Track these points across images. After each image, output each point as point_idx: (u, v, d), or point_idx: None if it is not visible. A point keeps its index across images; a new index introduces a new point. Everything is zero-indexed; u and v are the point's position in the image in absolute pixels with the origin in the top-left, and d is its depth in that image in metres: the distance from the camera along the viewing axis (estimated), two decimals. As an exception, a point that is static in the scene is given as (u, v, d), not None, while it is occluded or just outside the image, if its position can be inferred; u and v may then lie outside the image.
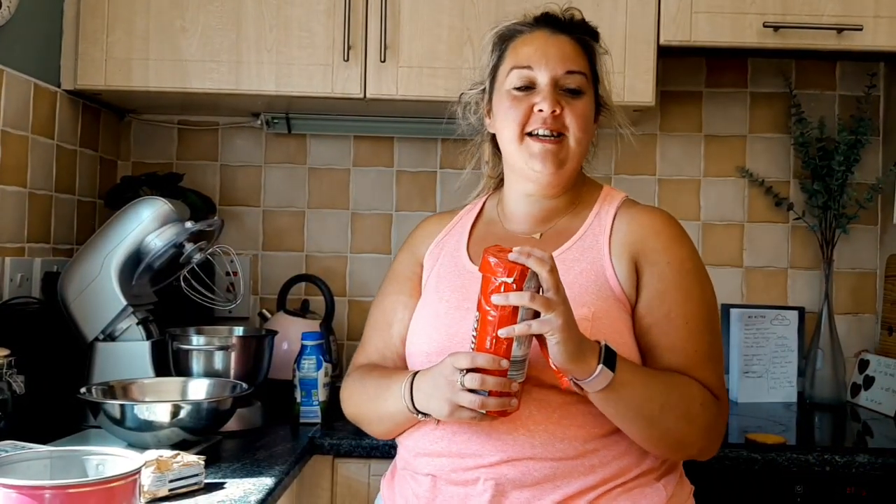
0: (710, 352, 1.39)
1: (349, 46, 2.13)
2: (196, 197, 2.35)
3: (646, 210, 1.49)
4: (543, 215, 1.51)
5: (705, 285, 1.43)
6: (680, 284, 1.39)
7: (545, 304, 1.20)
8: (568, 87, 1.45)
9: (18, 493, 0.97)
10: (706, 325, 1.40)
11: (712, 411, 1.35)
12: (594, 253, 1.43)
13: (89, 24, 2.14)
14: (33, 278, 2.02)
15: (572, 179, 1.50)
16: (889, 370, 2.33)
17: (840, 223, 2.46)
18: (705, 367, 1.37)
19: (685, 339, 1.37)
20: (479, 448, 1.35)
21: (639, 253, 1.41)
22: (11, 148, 1.94)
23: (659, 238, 1.43)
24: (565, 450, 1.33)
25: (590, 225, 1.47)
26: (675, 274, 1.40)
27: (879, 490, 1.83)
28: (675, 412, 1.31)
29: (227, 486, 1.46)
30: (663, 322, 1.38)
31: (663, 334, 1.37)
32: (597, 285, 1.39)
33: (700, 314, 1.39)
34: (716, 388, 1.37)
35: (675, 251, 1.42)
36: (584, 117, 1.46)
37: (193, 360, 1.94)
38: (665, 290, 1.39)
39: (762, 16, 2.14)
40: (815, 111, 2.54)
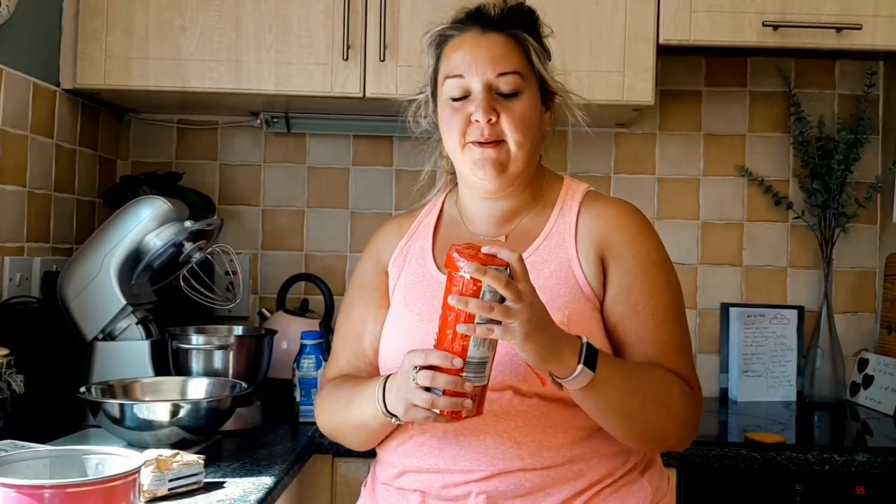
0: (680, 342, 1.37)
1: (348, 46, 2.13)
2: (195, 196, 2.35)
3: (609, 203, 1.46)
4: (504, 215, 1.47)
5: (671, 276, 1.41)
6: (646, 277, 1.37)
7: (505, 313, 1.16)
8: (502, 91, 1.39)
9: (18, 493, 0.97)
10: (674, 316, 1.38)
11: (690, 402, 1.35)
12: (561, 253, 1.40)
13: (88, 24, 2.14)
14: (33, 278, 2.02)
15: (523, 179, 1.45)
16: (888, 369, 2.33)
17: (839, 222, 2.46)
18: (677, 357, 1.36)
19: (654, 331, 1.35)
20: (467, 464, 1.33)
21: (604, 249, 1.39)
22: (11, 147, 1.94)
23: (624, 232, 1.40)
24: (554, 458, 1.32)
25: (554, 223, 1.44)
26: (641, 267, 1.38)
27: (879, 489, 1.83)
28: (655, 405, 1.30)
29: (226, 486, 1.46)
30: (632, 316, 1.36)
31: (632, 328, 1.36)
32: (567, 287, 1.37)
33: (668, 305, 1.37)
34: (690, 378, 1.37)
35: (639, 244, 1.40)
36: (523, 119, 1.40)
37: (193, 360, 1.94)
38: (632, 284, 1.37)
39: (761, 15, 2.14)
40: (815, 110, 2.54)
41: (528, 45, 1.43)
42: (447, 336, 1.20)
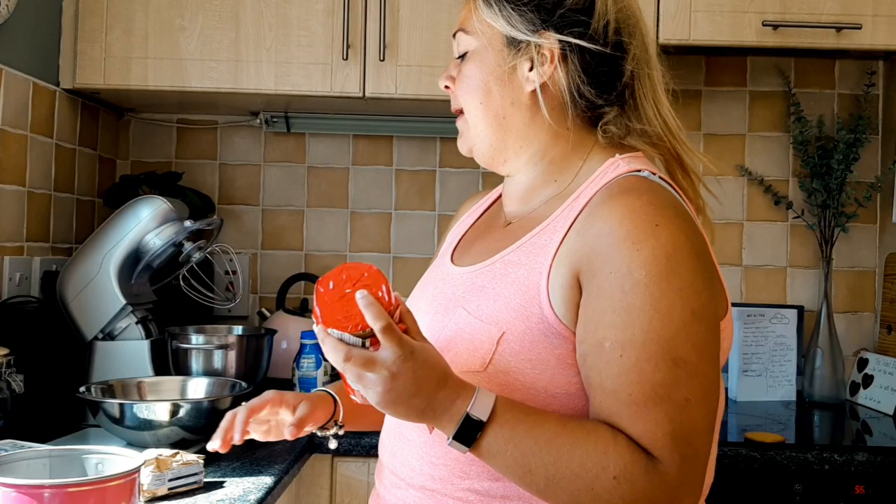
0: (655, 394, 0.99)
1: (348, 45, 2.13)
2: (195, 196, 2.35)
3: (617, 196, 1.09)
4: (522, 194, 1.24)
5: (663, 301, 1.01)
6: (621, 302, 1.01)
7: (357, 378, 1.00)
8: (458, 54, 1.24)
9: (18, 493, 0.97)
10: (652, 359, 1.00)
11: (638, 483, 0.98)
12: (539, 256, 1.12)
13: (88, 23, 2.14)
14: (32, 277, 2.02)
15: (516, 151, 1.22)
16: (888, 368, 2.33)
17: (839, 222, 2.46)
18: (643, 414, 0.99)
19: (617, 376, 1.00)
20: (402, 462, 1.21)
21: (582, 261, 1.06)
22: (10, 147, 1.94)
23: (609, 239, 1.04)
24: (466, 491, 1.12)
25: (559, 214, 1.15)
26: (616, 287, 1.02)
27: (878, 488, 1.83)
28: (568, 488, 1.00)
29: (226, 486, 1.46)
30: (596, 352, 1.03)
31: (594, 370, 1.03)
32: (524, 299, 1.10)
33: (645, 342, 1.00)
34: (659, 443, 0.98)
35: (623, 256, 1.03)
36: (465, 80, 1.21)
37: (193, 359, 1.94)
38: (602, 310, 1.03)
39: (761, 14, 2.14)
40: (814, 110, 2.54)
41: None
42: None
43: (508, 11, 1.18)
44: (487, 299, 1.13)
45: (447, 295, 1.21)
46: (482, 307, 1.13)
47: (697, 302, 1.03)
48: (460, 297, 1.18)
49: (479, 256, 1.22)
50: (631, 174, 1.14)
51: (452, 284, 1.22)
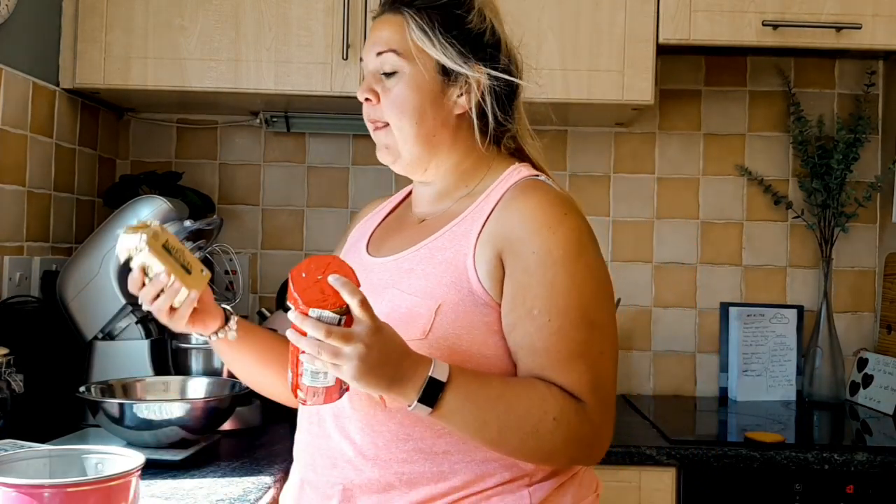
0: (578, 351, 1.21)
1: (348, 45, 2.13)
2: (195, 195, 2.35)
3: (526, 193, 1.30)
4: (434, 197, 1.40)
5: (580, 276, 1.23)
6: (544, 276, 1.22)
7: (333, 354, 1.10)
8: (383, 70, 1.33)
9: (18, 492, 0.97)
10: (574, 322, 1.21)
11: (572, 422, 1.19)
12: (462, 242, 1.28)
13: (88, 23, 2.14)
14: (32, 277, 2.02)
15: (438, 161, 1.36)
16: (888, 368, 2.33)
17: (839, 221, 2.46)
18: (570, 367, 1.21)
19: (548, 338, 1.21)
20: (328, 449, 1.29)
21: (504, 244, 1.25)
22: (10, 147, 1.94)
23: (527, 225, 1.25)
24: (410, 452, 1.24)
25: (472, 210, 1.32)
26: (539, 265, 1.23)
27: (878, 488, 1.83)
28: (518, 433, 1.18)
29: (226, 485, 1.46)
30: (526, 320, 1.22)
31: (525, 334, 1.23)
32: (454, 276, 1.26)
33: (567, 308, 1.21)
34: (584, 389, 1.21)
35: (542, 238, 1.23)
36: (398, 100, 1.32)
37: (192, 359, 1.94)
38: (528, 284, 1.23)
39: (761, 14, 2.14)
40: (814, 109, 2.54)
41: (409, 19, 1.33)
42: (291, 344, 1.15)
43: (443, 43, 1.32)
44: (419, 278, 1.28)
45: (373, 281, 1.31)
46: (414, 285, 1.28)
47: (602, 276, 1.27)
48: (388, 280, 1.32)
49: (398, 247, 1.36)
50: (531, 178, 1.35)
51: (377, 272, 1.34)
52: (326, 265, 1.14)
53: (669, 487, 1.87)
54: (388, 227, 1.47)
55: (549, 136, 2.56)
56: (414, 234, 1.37)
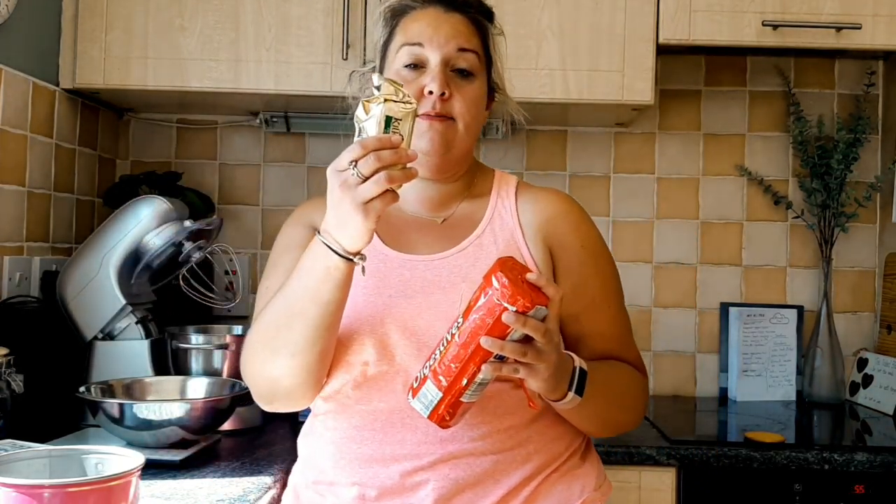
0: (629, 330, 1.43)
1: (348, 45, 2.13)
2: (195, 196, 2.35)
3: (543, 192, 1.44)
4: (439, 199, 1.43)
5: (613, 263, 1.44)
6: (597, 267, 1.40)
7: (536, 357, 1.13)
8: (459, 66, 1.36)
9: (17, 492, 0.97)
10: (622, 306, 1.43)
11: (646, 392, 1.42)
12: (507, 235, 1.38)
13: (88, 23, 2.13)
14: (32, 277, 2.02)
15: (462, 164, 1.43)
16: (888, 368, 2.33)
17: (839, 221, 2.46)
18: (630, 346, 1.42)
19: (611, 323, 1.39)
20: (414, 448, 1.26)
21: (551, 237, 1.38)
22: (10, 147, 1.94)
23: (566, 219, 1.40)
24: (504, 441, 1.29)
25: (494, 207, 1.41)
26: (591, 256, 1.39)
27: (878, 488, 1.83)
28: (625, 408, 1.37)
29: (226, 485, 1.46)
30: (590, 309, 1.37)
31: (591, 321, 1.37)
32: None
33: (616, 295, 1.42)
34: (640, 364, 1.43)
35: (584, 232, 1.40)
36: (475, 102, 1.38)
37: (192, 359, 1.94)
38: (586, 276, 1.38)
39: (761, 14, 2.14)
40: (814, 109, 2.54)
41: (487, 31, 1.42)
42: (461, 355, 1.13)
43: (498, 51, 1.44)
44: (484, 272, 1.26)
45: (427, 279, 1.33)
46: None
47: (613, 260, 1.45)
48: (451, 276, 1.33)
49: (432, 246, 1.37)
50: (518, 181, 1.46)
51: (427, 269, 1.34)
52: (512, 265, 1.16)
53: (669, 487, 1.87)
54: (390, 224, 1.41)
55: (549, 136, 2.57)
56: (442, 234, 1.40)
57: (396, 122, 1.16)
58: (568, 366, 1.23)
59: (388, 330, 1.29)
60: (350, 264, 1.19)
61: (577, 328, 1.37)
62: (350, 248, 1.18)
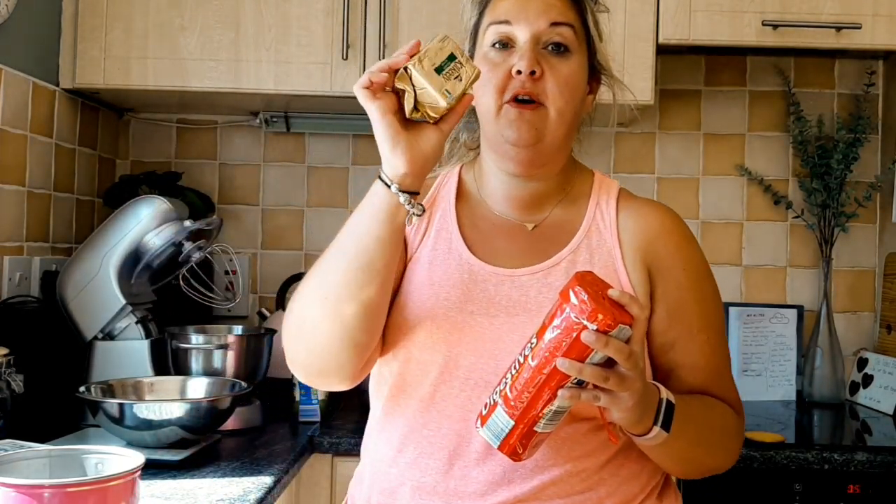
0: (728, 364, 1.29)
1: (348, 45, 2.13)
2: (195, 195, 2.35)
3: (647, 205, 1.30)
4: (530, 200, 1.28)
5: (716, 288, 1.29)
6: (697, 293, 1.25)
7: (619, 383, 1.02)
8: (552, 41, 1.21)
9: (17, 492, 0.97)
10: (722, 337, 1.28)
11: (740, 436, 1.28)
12: (604, 254, 1.24)
13: (88, 23, 2.13)
14: (32, 277, 2.02)
15: (557, 159, 1.27)
16: (888, 368, 2.33)
17: (839, 221, 2.46)
18: (728, 382, 1.28)
19: (709, 355, 1.24)
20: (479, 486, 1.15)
21: (651, 257, 1.24)
22: (10, 147, 1.94)
23: (670, 238, 1.25)
24: (574, 485, 1.17)
25: (592, 218, 1.26)
26: (692, 281, 1.25)
27: (878, 488, 1.83)
28: (715, 448, 1.24)
29: (226, 485, 1.46)
30: (685, 338, 1.23)
31: (686, 352, 1.23)
32: None
33: (717, 324, 1.27)
34: (737, 402, 1.29)
35: (687, 254, 1.26)
36: (569, 82, 1.22)
37: (192, 359, 1.94)
38: (684, 302, 1.23)
39: (761, 14, 2.14)
40: (814, 109, 2.54)
41: (585, 5, 1.26)
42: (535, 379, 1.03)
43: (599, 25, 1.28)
44: None
45: (512, 297, 1.21)
46: None
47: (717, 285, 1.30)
48: (539, 296, 1.20)
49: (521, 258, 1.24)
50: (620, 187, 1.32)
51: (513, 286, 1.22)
52: (592, 280, 1.05)
53: (669, 487, 1.87)
54: (478, 228, 1.29)
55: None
56: (532, 244, 1.26)
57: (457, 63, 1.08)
58: (654, 397, 1.10)
59: (466, 350, 1.18)
60: (391, 196, 1.12)
61: (671, 358, 1.23)
62: (388, 173, 1.12)
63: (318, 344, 1.18)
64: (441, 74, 1.07)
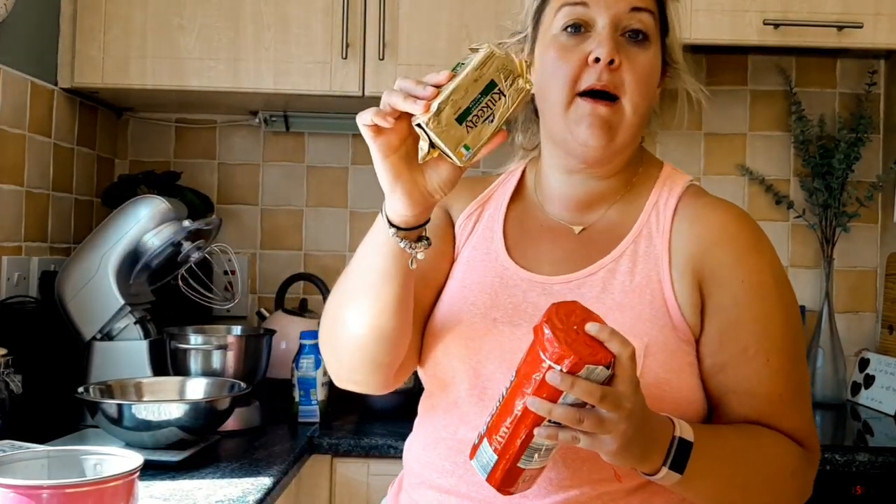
0: (797, 392, 1.12)
1: (347, 44, 2.13)
2: (194, 195, 2.35)
3: (714, 206, 1.17)
4: (587, 199, 1.20)
5: (789, 306, 1.13)
6: (759, 310, 1.10)
7: (597, 425, 0.93)
8: (632, 28, 1.13)
9: (16, 493, 0.97)
10: (792, 359, 1.12)
11: (806, 473, 1.11)
12: (650, 262, 1.13)
13: (86, 22, 2.13)
14: (31, 277, 2.01)
15: (627, 155, 1.19)
16: (889, 369, 2.33)
17: (840, 221, 2.46)
18: (793, 412, 1.11)
19: (768, 380, 1.10)
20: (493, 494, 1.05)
21: (704, 268, 1.12)
22: (8, 146, 1.93)
23: (730, 247, 1.12)
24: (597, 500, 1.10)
25: (646, 221, 1.16)
26: (753, 296, 1.10)
27: (880, 488, 1.83)
28: (760, 491, 1.08)
29: (225, 486, 1.45)
30: (740, 360, 1.10)
31: (741, 377, 1.10)
32: (653, 308, 1.11)
33: (784, 346, 1.11)
34: (805, 435, 1.12)
35: (750, 264, 1.12)
36: (647, 75, 1.15)
37: (191, 360, 1.94)
38: (740, 319, 1.10)
39: (762, 13, 2.14)
40: (816, 109, 2.53)
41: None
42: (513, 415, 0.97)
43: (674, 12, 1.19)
44: (612, 310, 1.09)
45: (539, 306, 1.10)
46: (609, 318, 1.02)
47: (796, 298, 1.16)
48: None
49: (560, 264, 1.18)
50: (692, 183, 1.22)
51: (543, 293, 1.15)
52: (573, 312, 0.97)
53: (671, 488, 1.87)
54: (524, 229, 1.24)
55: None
56: (576, 249, 1.19)
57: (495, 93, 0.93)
58: (664, 433, 1.00)
59: (485, 358, 1.13)
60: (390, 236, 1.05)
61: (721, 382, 1.11)
62: (388, 211, 1.04)
63: (343, 357, 1.18)
64: (466, 121, 0.93)
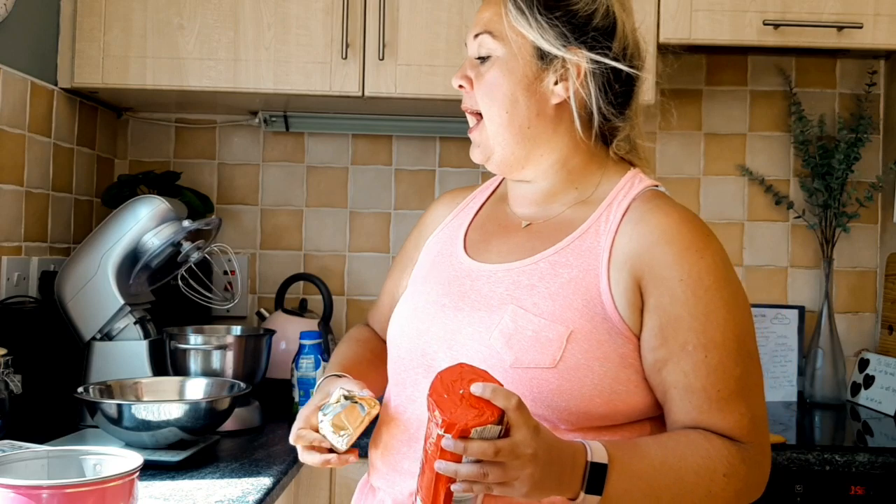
0: (738, 388, 1.13)
1: (347, 44, 2.13)
2: (193, 195, 2.34)
3: (661, 209, 1.19)
4: (539, 197, 1.28)
5: (732, 304, 1.15)
6: (697, 307, 1.13)
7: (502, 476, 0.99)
8: (479, 55, 1.24)
9: (16, 493, 0.97)
10: (733, 356, 1.13)
11: (740, 472, 1.11)
12: (590, 259, 1.17)
13: (86, 22, 2.13)
14: (30, 277, 2.01)
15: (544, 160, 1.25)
16: (889, 369, 2.33)
17: (840, 222, 2.46)
18: (731, 408, 1.12)
19: (706, 376, 1.12)
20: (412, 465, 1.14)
21: (643, 266, 1.15)
22: (8, 146, 1.93)
23: (671, 248, 1.15)
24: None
25: (596, 220, 1.20)
26: (691, 294, 1.13)
27: (879, 489, 1.83)
28: (691, 497, 1.10)
29: (225, 486, 1.45)
30: (680, 356, 1.12)
31: (680, 372, 1.12)
32: (585, 300, 1.15)
33: (725, 342, 1.13)
34: (746, 433, 1.13)
35: (690, 264, 1.14)
36: (490, 87, 1.22)
37: (191, 360, 1.94)
38: (679, 316, 1.13)
39: (762, 14, 2.14)
40: (815, 109, 2.53)
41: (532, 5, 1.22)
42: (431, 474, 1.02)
43: (541, 23, 1.20)
44: (544, 297, 1.16)
45: (483, 292, 1.21)
46: (540, 305, 1.15)
47: (746, 299, 1.19)
48: (505, 294, 1.19)
49: (506, 254, 1.25)
50: (653, 188, 1.24)
51: (486, 281, 1.22)
52: (459, 376, 1.01)
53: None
54: (484, 227, 1.33)
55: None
56: (523, 241, 1.25)
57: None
58: (577, 460, 1.04)
59: (430, 340, 1.22)
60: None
61: (664, 378, 1.14)
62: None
63: None
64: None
